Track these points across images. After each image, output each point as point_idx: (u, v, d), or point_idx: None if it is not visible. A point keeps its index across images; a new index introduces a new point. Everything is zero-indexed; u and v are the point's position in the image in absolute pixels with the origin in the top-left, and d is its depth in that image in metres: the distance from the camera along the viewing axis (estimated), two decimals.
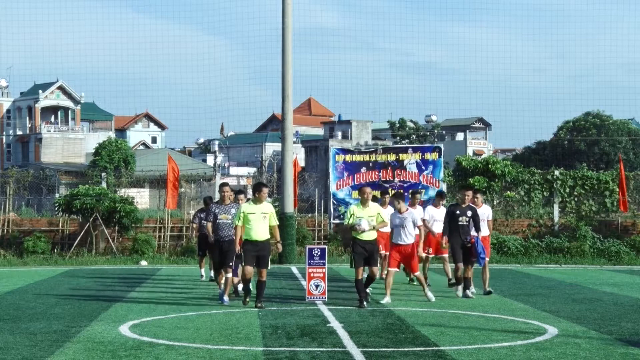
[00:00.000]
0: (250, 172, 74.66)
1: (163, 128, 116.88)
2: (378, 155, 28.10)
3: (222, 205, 15.32)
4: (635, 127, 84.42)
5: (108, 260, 26.18)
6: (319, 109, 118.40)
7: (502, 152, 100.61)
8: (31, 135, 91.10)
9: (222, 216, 15.18)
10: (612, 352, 10.34)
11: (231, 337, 11.50)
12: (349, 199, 27.96)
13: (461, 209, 15.89)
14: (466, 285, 15.97)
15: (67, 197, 27.86)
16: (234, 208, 15.14)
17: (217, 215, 15.24)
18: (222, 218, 15.18)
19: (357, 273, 14.56)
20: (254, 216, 14.40)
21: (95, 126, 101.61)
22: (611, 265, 25.07)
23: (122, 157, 71.57)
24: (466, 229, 15.76)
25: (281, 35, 26.05)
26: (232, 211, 15.09)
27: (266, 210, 14.50)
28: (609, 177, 29.28)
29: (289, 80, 26.05)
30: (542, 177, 29.57)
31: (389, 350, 10.47)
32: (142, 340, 11.22)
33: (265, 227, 14.47)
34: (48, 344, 10.92)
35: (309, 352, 10.36)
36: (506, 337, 11.51)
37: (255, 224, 14.38)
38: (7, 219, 28.76)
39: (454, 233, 15.82)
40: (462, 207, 15.95)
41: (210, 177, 49.71)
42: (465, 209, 15.88)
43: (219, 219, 15.21)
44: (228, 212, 15.17)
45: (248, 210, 14.47)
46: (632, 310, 14.31)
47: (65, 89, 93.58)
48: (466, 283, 15.96)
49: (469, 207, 15.97)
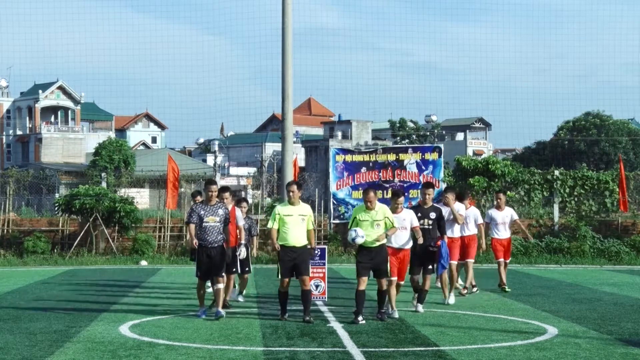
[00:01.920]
0: (250, 172, 74.60)
1: (163, 128, 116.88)
2: (378, 155, 28.11)
3: (209, 206, 13.35)
4: (635, 127, 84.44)
5: (108, 260, 26.18)
6: (319, 109, 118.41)
7: (502, 152, 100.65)
8: (31, 135, 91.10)
9: (209, 218, 13.25)
10: (612, 352, 10.34)
11: (231, 337, 11.50)
12: (349, 199, 27.97)
13: (423, 211, 14.07)
14: (420, 299, 14.10)
15: (67, 197, 27.86)
16: (221, 209, 13.41)
17: (202, 217, 13.24)
18: (208, 221, 13.24)
19: (359, 283, 12.86)
20: (291, 218, 12.92)
21: (95, 126, 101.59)
22: (611, 265, 25.07)
23: (122, 157, 71.54)
24: (431, 232, 13.92)
25: (281, 35, 26.03)
26: (220, 212, 13.34)
27: (305, 212, 12.99)
28: (609, 177, 29.28)
29: (289, 80, 26.04)
30: (542, 177, 29.57)
31: (389, 350, 10.47)
32: (142, 340, 11.22)
33: (303, 231, 12.95)
34: (48, 344, 10.92)
35: (309, 352, 10.36)
36: (506, 337, 11.51)
37: (292, 227, 12.91)
38: (7, 219, 28.76)
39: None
40: (424, 208, 14.11)
41: (210, 177, 49.70)
42: (427, 210, 14.09)
43: (205, 222, 13.24)
44: (215, 213, 13.30)
45: (284, 212, 12.97)
46: (632, 310, 14.31)
47: (65, 89, 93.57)
48: (420, 297, 14.08)
49: (433, 207, 14.23)
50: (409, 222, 13.39)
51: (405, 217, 13.39)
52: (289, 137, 26.48)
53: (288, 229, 12.88)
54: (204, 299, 13.62)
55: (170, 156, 31.66)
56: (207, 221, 13.25)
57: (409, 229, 13.39)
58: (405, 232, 13.39)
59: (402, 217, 13.31)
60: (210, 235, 13.25)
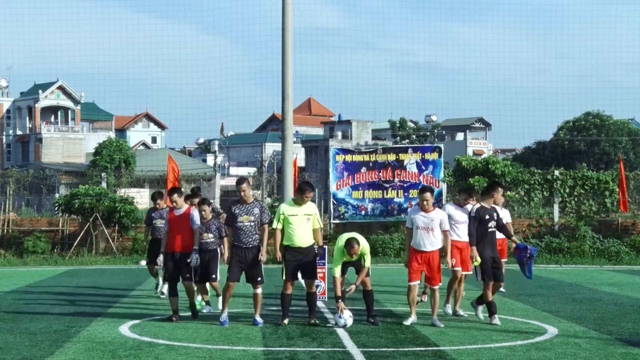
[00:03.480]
0: (250, 172, 74.58)
1: (163, 128, 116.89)
2: (378, 155, 28.12)
3: (244, 205, 12.69)
4: (635, 127, 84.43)
5: (108, 260, 26.18)
6: (319, 109, 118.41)
7: (502, 152, 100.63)
8: (31, 135, 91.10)
9: (244, 217, 12.65)
10: (612, 352, 10.34)
11: (231, 337, 11.49)
12: (349, 199, 27.99)
13: (486, 212, 12.96)
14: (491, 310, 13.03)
15: (67, 197, 27.87)
16: (256, 207, 12.67)
17: (236, 217, 12.60)
18: (243, 220, 12.63)
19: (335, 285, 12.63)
20: (296, 218, 12.52)
21: (95, 126, 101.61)
22: (611, 265, 25.07)
23: (122, 157, 71.53)
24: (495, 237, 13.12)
25: (281, 35, 26.02)
26: (255, 211, 12.63)
27: (310, 212, 12.61)
28: (609, 177, 29.28)
29: (289, 80, 26.03)
30: (542, 177, 29.57)
31: (389, 350, 10.47)
32: (142, 340, 11.22)
33: (308, 231, 12.58)
34: (48, 344, 10.92)
35: (309, 352, 10.36)
36: (506, 337, 11.51)
37: (297, 227, 12.51)
38: (7, 219, 28.77)
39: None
40: (486, 209, 13.01)
41: (210, 177, 49.67)
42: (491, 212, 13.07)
43: (239, 222, 12.59)
44: (250, 212, 12.65)
45: (289, 212, 12.57)
46: (632, 310, 14.31)
47: (65, 89, 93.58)
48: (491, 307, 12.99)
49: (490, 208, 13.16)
50: (437, 222, 12.60)
51: (434, 217, 12.60)
52: (289, 137, 26.47)
53: (293, 230, 12.52)
54: (227, 301, 12.78)
55: (170, 156, 31.60)
56: (241, 221, 12.55)
57: (437, 230, 12.59)
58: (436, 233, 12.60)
59: (430, 217, 12.58)
60: (246, 236, 12.54)
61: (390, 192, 27.75)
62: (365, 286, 12.73)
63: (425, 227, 12.52)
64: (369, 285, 12.76)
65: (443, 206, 14.05)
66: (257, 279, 12.58)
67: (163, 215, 15.19)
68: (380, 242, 26.70)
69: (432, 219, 12.53)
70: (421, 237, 12.54)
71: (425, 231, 12.52)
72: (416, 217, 12.61)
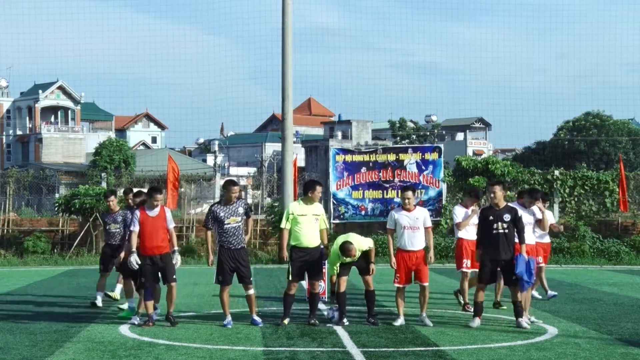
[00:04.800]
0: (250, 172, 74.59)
1: (163, 128, 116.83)
2: (378, 155, 28.14)
3: (228, 207, 12.45)
4: (635, 127, 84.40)
5: None
6: (319, 109, 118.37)
7: (502, 152, 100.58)
8: (31, 135, 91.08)
9: (231, 219, 12.40)
10: (612, 352, 10.34)
11: (231, 337, 11.49)
12: (349, 199, 28.00)
13: (495, 212, 12.51)
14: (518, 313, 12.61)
15: (67, 197, 27.88)
16: (241, 207, 12.50)
17: (222, 219, 12.36)
18: (230, 222, 12.38)
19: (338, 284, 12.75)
20: (305, 218, 12.39)
21: (95, 126, 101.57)
22: (611, 265, 25.08)
23: (122, 157, 71.52)
24: (508, 238, 12.49)
25: (281, 35, 26.04)
26: (240, 211, 12.43)
27: (318, 212, 12.53)
28: (609, 177, 29.29)
29: (289, 80, 26.04)
30: (542, 177, 29.58)
31: (389, 350, 10.47)
32: (142, 340, 11.22)
33: (316, 231, 12.47)
34: (48, 344, 10.92)
35: (309, 352, 10.36)
36: (506, 337, 11.51)
37: (305, 227, 12.39)
38: (7, 219, 28.78)
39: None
40: (496, 209, 12.53)
41: (210, 177, 49.65)
42: (501, 212, 12.54)
43: (226, 224, 12.36)
44: (236, 213, 12.45)
45: (298, 212, 12.44)
46: (632, 310, 14.31)
47: (65, 89, 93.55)
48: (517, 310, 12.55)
49: (507, 208, 12.63)
50: (422, 220, 12.63)
51: (418, 216, 12.63)
52: (289, 137, 26.47)
53: (301, 229, 12.41)
54: (228, 305, 12.57)
55: (170, 156, 31.65)
56: (228, 223, 12.31)
57: (422, 228, 12.62)
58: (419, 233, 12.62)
59: (415, 216, 12.62)
60: (234, 237, 12.35)
61: (390, 192, 27.76)
62: (368, 286, 12.72)
63: (411, 227, 12.58)
64: (371, 285, 12.73)
65: (511, 203, 13.31)
66: (249, 278, 12.52)
67: (117, 219, 14.57)
68: (380, 242, 26.68)
69: (417, 218, 12.60)
70: (408, 236, 12.59)
71: (411, 230, 12.58)
72: (400, 217, 12.64)
